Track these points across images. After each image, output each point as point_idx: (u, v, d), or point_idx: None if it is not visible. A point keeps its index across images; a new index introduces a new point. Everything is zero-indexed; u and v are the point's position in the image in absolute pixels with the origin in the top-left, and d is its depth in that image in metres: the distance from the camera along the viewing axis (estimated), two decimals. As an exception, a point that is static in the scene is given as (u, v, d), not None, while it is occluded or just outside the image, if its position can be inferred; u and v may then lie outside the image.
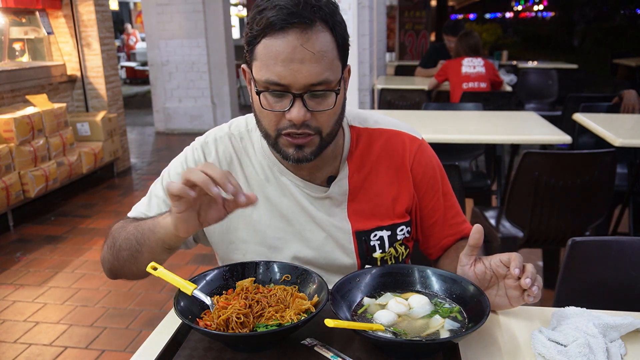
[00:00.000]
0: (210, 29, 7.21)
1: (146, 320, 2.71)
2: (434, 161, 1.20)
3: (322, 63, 0.95)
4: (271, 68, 0.95)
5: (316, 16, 0.94)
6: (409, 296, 1.01)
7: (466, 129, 3.08)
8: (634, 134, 2.70)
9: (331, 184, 1.13)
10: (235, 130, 1.18)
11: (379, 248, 1.15)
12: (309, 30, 0.93)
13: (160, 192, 1.17)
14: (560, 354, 0.87)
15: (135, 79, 12.91)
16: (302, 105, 0.96)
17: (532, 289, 0.92)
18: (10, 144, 3.92)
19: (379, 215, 1.15)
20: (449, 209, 1.21)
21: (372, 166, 1.15)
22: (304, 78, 0.94)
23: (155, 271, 0.98)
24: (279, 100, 0.98)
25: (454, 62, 4.49)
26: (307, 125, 0.99)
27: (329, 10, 0.96)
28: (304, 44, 0.93)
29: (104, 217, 4.22)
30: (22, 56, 5.06)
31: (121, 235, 1.07)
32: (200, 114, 7.46)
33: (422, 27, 9.90)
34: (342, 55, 1.00)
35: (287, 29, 0.93)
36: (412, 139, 1.18)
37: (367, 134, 1.16)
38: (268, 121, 1.01)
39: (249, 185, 1.14)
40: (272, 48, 0.94)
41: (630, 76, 8.23)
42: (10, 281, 3.16)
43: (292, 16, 0.92)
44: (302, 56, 0.93)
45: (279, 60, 0.94)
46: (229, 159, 1.15)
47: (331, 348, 0.90)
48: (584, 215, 2.32)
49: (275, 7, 0.93)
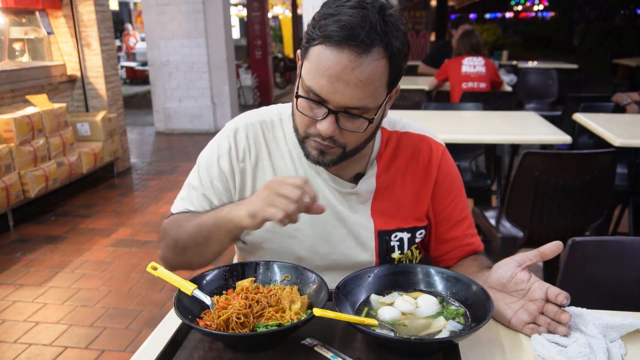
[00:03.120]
0: (210, 29, 7.21)
1: (146, 320, 2.71)
2: (455, 169, 1.22)
3: (366, 91, 0.95)
4: (317, 79, 0.95)
5: (376, 42, 0.92)
6: (418, 295, 1.01)
7: (466, 129, 3.08)
8: (634, 134, 2.70)
9: (359, 181, 1.15)
10: (267, 117, 1.18)
11: (398, 249, 1.17)
12: (364, 56, 0.92)
13: (197, 184, 1.18)
14: (561, 354, 0.87)
15: (135, 79, 12.91)
16: (334, 122, 0.98)
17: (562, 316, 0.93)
18: (10, 144, 3.92)
19: (400, 216, 1.17)
20: (465, 219, 1.22)
21: (399, 168, 1.17)
22: (343, 100, 0.95)
23: (156, 271, 0.99)
24: (315, 107, 0.99)
25: (454, 62, 4.48)
26: (333, 140, 1.01)
27: (392, 37, 0.94)
28: (354, 68, 0.92)
29: (104, 217, 4.22)
30: (22, 56, 5.07)
31: (182, 235, 1.08)
32: (200, 114, 7.46)
33: (422, 27, 9.91)
34: (390, 83, 1.00)
35: (342, 46, 0.92)
36: (437, 145, 1.20)
37: (396, 137, 1.18)
38: (300, 121, 1.04)
39: (275, 174, 1.15)
40: (323, 59, 0.94)
41: (630, 76, 8.23)
42: (10, 281, 3.16)
43: (352, 38, 0.91)
44: (348, 79, 0.93)
45: (326, 75, 0.94)
46: (258, 147, 1.16)
47: (331, 348, 0.90)
48: (584, 215, 2.32)
49: (339, 22, 0.92)
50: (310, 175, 1.15)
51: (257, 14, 9.53)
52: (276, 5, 17.48)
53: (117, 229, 3.94)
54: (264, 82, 9.66)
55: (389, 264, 1.15)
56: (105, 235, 3.83)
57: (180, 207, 1.18)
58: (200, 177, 1.18)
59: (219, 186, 1.16)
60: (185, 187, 1.20)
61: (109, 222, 4.09)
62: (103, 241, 3.72)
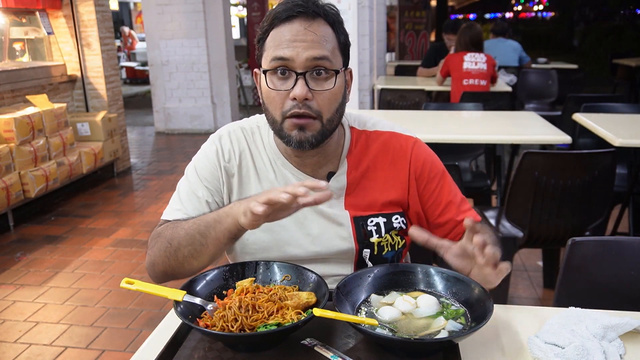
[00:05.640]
0: (210, 29, 7.21)
1: (146, 320, 2.71)
2: (430, 154, 1.25)
3: (324, 45, 1.06)
4: (277, 50, 1.06)
5: (319, 12, 1.07)
6: (418, 295, 1.01)
7: (466, 129, 3.09)
8: (634, 134, 2.69)
9: (331, 179, 1.19)
10: (247, 125, 1.26)
11: (376, 233, 1.19)
12: (312, 20, 1.06)
13: (188, 189, 1.21)
14: (558, 356, 0.87)
15: (135, 79, 12.91)
16: (304, 84, 1.06)
17: (486, 249, 0.92)
18: (10, 144, 3.92)
19: (373, 207, 1.20)
20: (455, 199, 1.24)
21: (369, 164, 1.21)
22: (305, 52, 1.05)
23: (132, 286, 0.97)
24: (283, 82, 1.07)
25: (455, 57, 4.46)
26: (308, 106, 1.07)
27: (331, 12, 1.09)
28: (307, 28, 1.05)
29: (104, 217, 4.22)
30: (23, 56, 5.06)
31: (178, 234, 1.09)
32: (200, 114, 7.46)
33: (422, 27, 9.91)
34: (342, 51, 1.12)
35: (292, 18, 1.06)
36: (407, 138, 1.24)
37: (365, 136, 1.24)
38: (274, 105, 1.10)
39: (258, 174, 1.21)
40: (278, 34, 1.07)
41: (630, 76, 8.23)
42: (10, 281, 3.16)
43: (297, 7, 1.05)
44: (304, 37, 1.05)
45: (284, 41, 1.05)
46: (242, 148, 1.22)
47: (331, 348, 0.90)
48: (584, 215, 2.32)
49: (282, 4, 1.07)
50: (285, 176, 1.19)
51: (257, 14, 9.54)
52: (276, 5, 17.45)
53: (117, 229, 3.94)
54: (264, 82, 9.64)
55: (389, 264, 1.15)
56: (105, 235, 3.83)
57: (174, 213, 1.19)
58: (190, 182, 1.21)
59: (209, 187, 1.20)
60: (176, 197, 1.22)
61: (109, 222, 4.09)
62: (103, 241, 3.72)
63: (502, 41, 6.03)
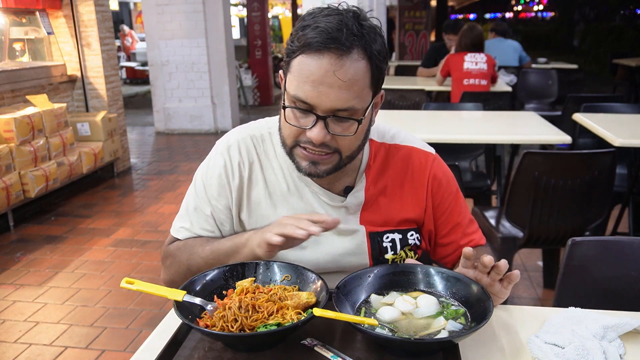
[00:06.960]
0: (210, 29, 7.21)
1: (146, 320, 2.71)
2: (447, 173, 1.23)
3: (351, 91, 0.97)
4: (301, 86, 0.98)
5: (355, 44, 0.96)
6: (418, 295, 1.01)
7: (466, 129, 3.09)
8: (634, 134, 2.69)
9: (348, 194, 1.16)
10: (257, 132, 1.20)
11: (391, 250, 1.17)
12: (344, 57, 0.95)
13: (197, 205, 1.19)
14: (558, 356, 0.87)
15: (135, 79, 12.91)
16: (323, 127, 0.99)
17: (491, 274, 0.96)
18: (10, 144, 3.92)
19: (389, 223, 1.18)
20: (463, 220, 1.23)
21: (388, 181, 1.18)
22: (329, 102, 0.97)
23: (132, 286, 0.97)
24: (303, 117, 1.01)
25: (456, 56, 4.46)
26: (326, 146, 1.02)
27: (369, 39, 0.98)
28: (336, 70, 0.95)
29: (104, 217, 4.22)
30: (23, 56, 5.06)
31: (196, 261, 1.13)
32: (200, 114, 7.46)
33: (422, 27, 9.91)
34: (374, 84, 1.02)
35: (322, 51, 0.95)
36: (426, 155, 1.21)
37: (384, 149, 1.20)
38: (289, 132, 1.05)
39: (268, 188, 1.17)
40: (305, 67, 0.97)
41: (629, 76, 8.23)
42: (10, 281, 3.16)
43: (330, 41, 0.94)
44: (332, 81, 0.95)
45: (310, 80, 0.96)
46: (252, 161, 1.17)
47: (331, 348, 0.90)
48: (584, 215, 2.32)
49: (317, 29, 0.95)
50: (300, 188, 1.16)
51: (257, 14, 9.53)
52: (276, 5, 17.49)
53: (117, 229, 3.94)
54: (264, 82, 9.67)
55: (388, 264, 1.15)
56: (105, 235, 3.83)
57: (187, 233, 1.20)
58: (198, 199, 1.19)
59: (218, 205, 1.17)
60: (184, 211, 1.21)
61: (109, 222, 4.09)
62: (103, 241, 3.72)
63: (502, 41, 6.03)
